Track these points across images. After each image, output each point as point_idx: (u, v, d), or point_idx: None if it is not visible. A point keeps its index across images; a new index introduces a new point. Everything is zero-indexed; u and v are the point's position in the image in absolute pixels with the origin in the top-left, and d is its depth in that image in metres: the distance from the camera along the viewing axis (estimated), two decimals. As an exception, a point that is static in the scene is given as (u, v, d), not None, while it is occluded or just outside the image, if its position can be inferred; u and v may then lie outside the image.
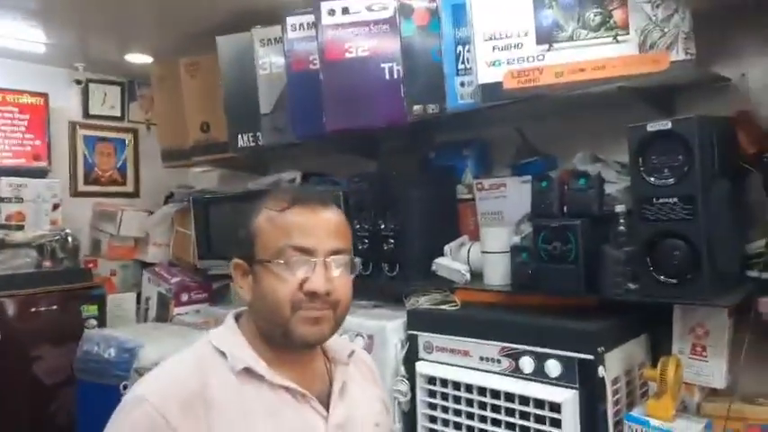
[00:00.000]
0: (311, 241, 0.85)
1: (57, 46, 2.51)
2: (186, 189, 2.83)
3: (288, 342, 0.86)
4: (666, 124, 1.17)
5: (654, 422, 1.17)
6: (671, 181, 1.17)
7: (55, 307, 2.36)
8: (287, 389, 0.86)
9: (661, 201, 1.18)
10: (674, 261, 1.17)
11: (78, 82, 2.86)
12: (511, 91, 1.34)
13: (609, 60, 1.28)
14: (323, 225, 0.88)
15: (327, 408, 0.90)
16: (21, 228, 2.49)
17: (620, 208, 1.32)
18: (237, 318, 0.94)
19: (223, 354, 0.85)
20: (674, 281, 1.18)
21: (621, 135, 1.27)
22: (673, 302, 1.27)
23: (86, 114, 2.92)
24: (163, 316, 2.56)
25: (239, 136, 2.07)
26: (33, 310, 2.31)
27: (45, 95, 2.71)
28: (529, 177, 1.52)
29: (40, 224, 2.55)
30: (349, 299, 0.90)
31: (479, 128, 1.81)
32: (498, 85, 1.34)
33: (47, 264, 2.46)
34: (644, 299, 1.24)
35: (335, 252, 0.87)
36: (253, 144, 2.05)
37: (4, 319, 2.24)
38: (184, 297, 2.54)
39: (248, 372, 0.84)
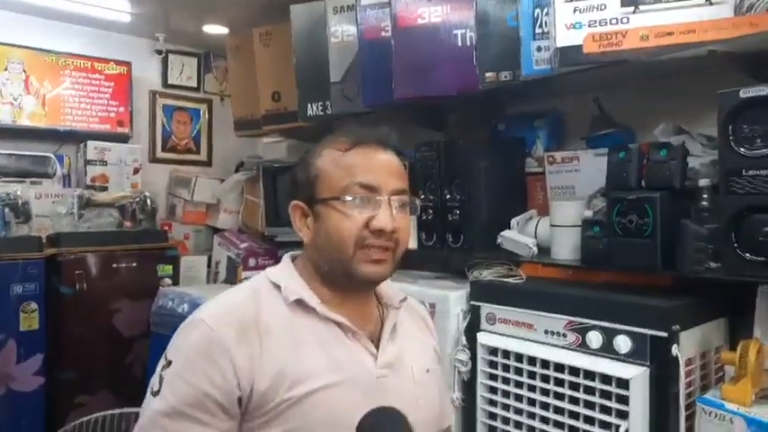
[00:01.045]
0: (376, 179, 0.86)
1: (140, 16, 2.62)
2: (256, 159, 2.93)
3: (349, 280, 0.87)
4: (763, 90, 1.09)
5: (729, 406, 1.11)
6: (764, 151, 1.09)
7: (134, 264, 2.51)
8: (338, 324, 0.88)
9: (751, 173, 1.11)
10: (762, 238, 1.10)
11: (159, 52, 2.99)
12: (591, 55, 1.28)
13: (700, 24, 1.20)
14: (385, 165, 0.88)
15: (377, 348, 0.90)
16: (104, 189, 2.67)
17: (703, 182, 1.25)
18: (293, 259, 0.96)
19: (278, 286, 0.88)
20: (762, 259, 1.10)
21: (708, 105, 1.20)
22: (759, 282, 1.19)
23: (165, 84, 3.05)
24: (231, 279, 2.66)
25: (309, 105, 2.10)
26: (114, 266, 2.47)
27: (129, 64, 2.86)
28: (604, 150, 1.46)
29: (122, 186, 2.72)
30: (408, 239, 0.91)
31: (553, 98, 1.76)
32: (578, 48, 1.29)
33: (127, 224, 2.62)
34: (727, 277, 1.17)
35: (398, 192, 0.88)
36: (322, 113, 2.07)
37: (87, 272, 2.40)
38: (252, 262, 2.63)
39: (301, 304, 0.87)
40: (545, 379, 1.34)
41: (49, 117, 2.69)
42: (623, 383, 1.18)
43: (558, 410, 1.31)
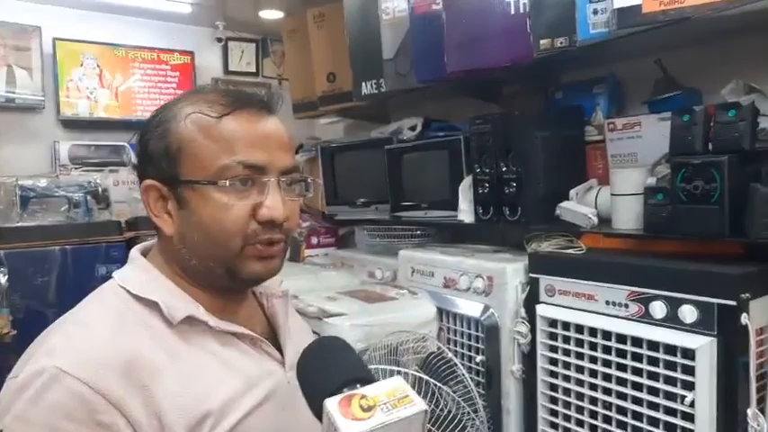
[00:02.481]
0: (263, 156, 0.69)
1: (200, 5, 2.73)
2: (314, 140, 2.99)
3: (231, 280, 0.71)
4: (843, 41, 1.01)
5: (806, 377, 1.07)
6: (844, 107, 1.02)
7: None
8: (236, 335, 0.72)
9: (830, 131, 1.03)
10: (842, 200, 1.03)
11: (219, 40, 3.10)
12: (651, 15, 1.22)
13: (772, -28, 1.12)
14: (273, 136, 0.71)
15: (279, 350, 0.76)
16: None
17: (776, 143, 1.18)
18: (145, 254, 0.76)
19: (147, 302, 0.67)
20: (842, 222, 1.03)
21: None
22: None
23: (226, 71, 3.17)
24: (295, 257, 2.76)
25: (363, 84, 2.12)
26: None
27: (191, 54, 2.98)
28: (668, 115, 1.40)
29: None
30: (297, 226, 0.79)
31: (612, 62, 1.69)
32: (637, 8, 1.23)
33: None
34: (801, 243, 1.11)
35: (289, 170, 0.73)
36: (375, 91, 2.09)
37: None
38: (314, 240, 2.71)
39: (188, 321, 0.68)
40: (607, 350, 1.32)
41: (122, 108, 2.86)
42: (689, 354, 1.15)
43: (621, 382, 1.29)
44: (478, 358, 1.63)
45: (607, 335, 1.32)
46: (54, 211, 2.57)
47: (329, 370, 0.59)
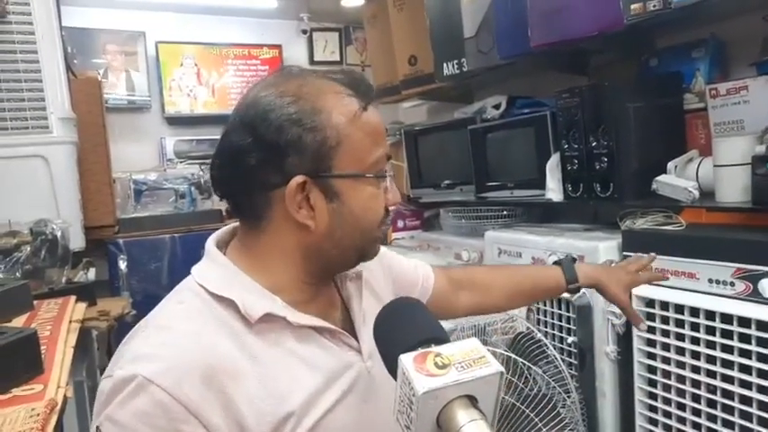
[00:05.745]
0: (387, 147, 0.73)
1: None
2: (398, 124, 3.01)
3: (351, 264, 0.76)
4: None
5: None
6: None
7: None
8: (312, 328, 0.70)
9: None
10: None
11: (304, 32, 3.20)
12: (755, -33, 1.12)
13: None
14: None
15: (356, 337, 0.74)
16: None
17: None
18: (223, 248, 0.74)
19: (226, 301, 0.66)
20: None
21: None
22: None
23: (312, 61, 3.27)
24: (383, 240, 2.81)
25: (444, 64, 2.11)
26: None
27: (279, 47, 3.11)
28: (780, 75, 1.28)
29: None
30: None
31: (712, 22, 1.56)
32: (738, -38, 1.14)
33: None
34: None
35: None
36: (457, 71, 2.07)
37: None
38: (400, 223, 2.75)
39: (265, 318, 0.66)
40: (710, 331, 1.25)
41: (218, 103, 3.04)
42: (804, 335, 1.06)
43: (727, 364, 1.21)
44: (570, 339, 1.60)
45: (711, 315, 1.24)
46: (163, 202, 2.81)
47: (406, 328, 0.58)
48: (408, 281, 1.00)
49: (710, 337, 1.25)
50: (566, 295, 1.31)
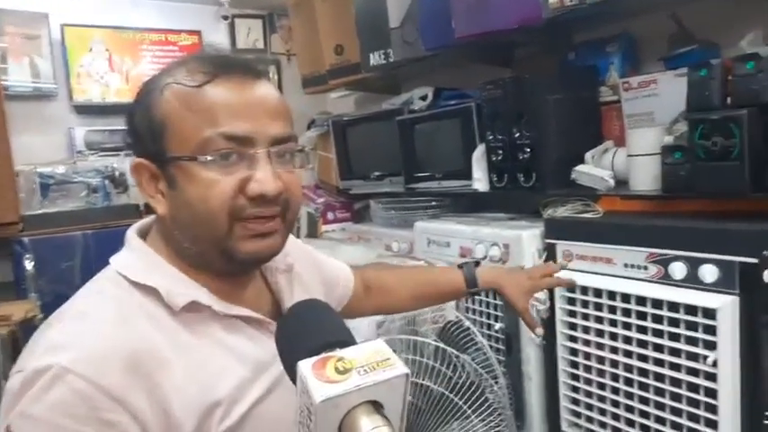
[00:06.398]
0: (248, 126, 0.63)
1: (204, -16, 2.70)
2: (326, 115, 2.97)
3: (228, 263, 0.66)
4: None
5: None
6: None
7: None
8: (242, 318, 0.68)
9: None
10: None
11: (225, 18, 3.07)
12: (664, -34, 1.18)
13: None
14: (260, 102, 0.65)
15: None
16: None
17: (799, 94, 1.13)
18: (143, 235, 0.71)
19: (148, 290, 0.64)
20: None
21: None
22: None
23: (234, 48, 3.14)
24: (313, 233, 2.77)
25: (371, 54, 2.10)
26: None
27: (199, 33, 2.96)
28: (684, 70, 1.35)
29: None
30: (300, 199, 0.71)
31: (625, 19, 1.63)
32: (648, -40, 1.19)
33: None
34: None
35: (281, 140, 0.66)
36: (384, 61, 2.06)
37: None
38: (330, 216, 2.72)
39: (191, 306, 0.64)
40: (626, 313, 1.31)
41: (133, 91, 2.83)
42: (710, 313, 1.14)
43: (642, 344, 1.28)
44: (497, 326, 1.64)
45: (626, 298, 1.31)
46: (74, 197, 2.61)
47: (307, 333, 0.54)
48: (332, 281, 0.99)
49: (626, 319, 1.31)
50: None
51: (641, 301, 1.28)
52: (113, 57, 2.83)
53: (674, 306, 1.21)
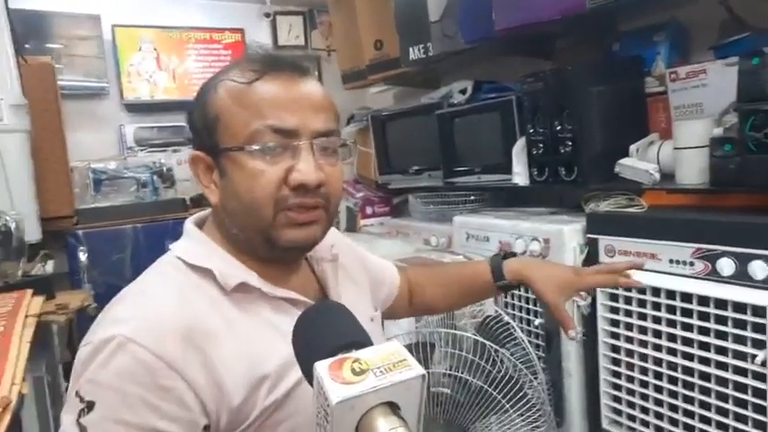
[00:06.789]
0: (293, 119, 0.67)
1: (247, -18, 2.75)
2: (365, 110, 2.99)
3: (271, 250, 0.70)
4: None
5: None
6: None
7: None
8: (289, 301, 0.72)
9: None
10: None
11: (267, 15, 3.12)
12: (713, -49, 1.13)
13: None
14: (305, 98, 0.69)
15: None
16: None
17: None
18: (200, 226, 0.77)
19: (203, 271, 0.69)
20: None
21: None
22: None
23: (276, 45, 3.19)
24: (352, 227, 2.80)
25: (410, 49, 2.10)
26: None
27: (242, 31, 3.03)
28: (735, 59, 1.30)
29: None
30: (341, 192, 0.75)
31: (673, 6, 1.58)
32: (697, -54, 1.15)
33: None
34: None
35: (324, 133, 0.70)
36: (423, 56, 2.06)
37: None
38: (369, 210, 2.74)
39: (242, 288, 0.69)
40: (671, 310, 1.28)
41: (180, 89, 2.96)
42: (760, 311, 1.10)
43: (687, 342, 1.25)
44: (537, 321, 1.62)
45: (671, 294, 1.28)
46: (124, 192, 2.72)
47: (323, 334, 0.55)
48: (378, 280, 0.99)
49: (671, 316, 1.28)
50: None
51: (687, 297, 1.24)
52: (161, 56, 2.93)
53: (721, 303, 1.17)
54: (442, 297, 1.12)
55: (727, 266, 1.18)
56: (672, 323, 1.28)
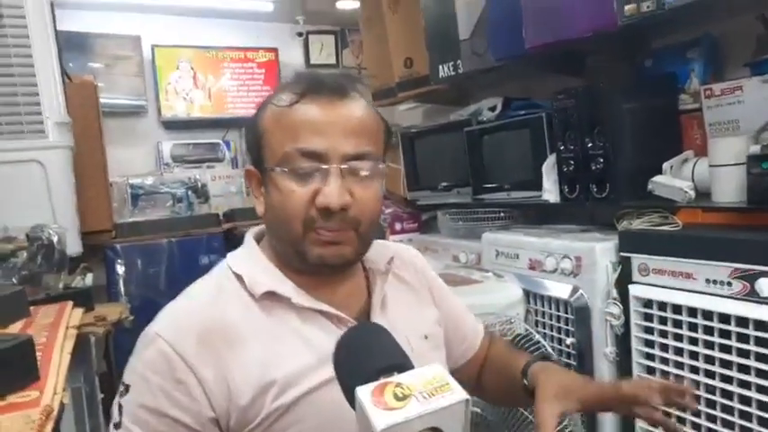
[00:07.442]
0: (322, 143, 0.69)
1: (282, 2, 2.82)
2: (395, 127, 3.01)
3: (303, 263, 0.73)
4: None
5: None
6: None
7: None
8: (320, 312, 0.73)
9: None
10: None
11: (300, 35, 3.20)
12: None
13: None
14: (339, 122, 0.70)
15: None
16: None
17: None
18: (259, 237, 0.82)
19: (240, 277, 0.74)
20: None
21: None
22: None
23: (308, 64, 3.26)
24: (381, 242, 2.81)
25: (440, 66, 2.11)
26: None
27: (275, 50, 3.11)
28: (774, 75, 1.28)
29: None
30: (375, 213, 0.75)
31: (707, 22, 1.56)
32: (731, -38, 1.14)
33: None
34: None
35: (354, 157, 0.71)
36: (453, 73, 2.07)
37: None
38: (398, 226, 2.75)
39: (272, 296, 0.72)
40: (708, 331, 1.25)
41: (215, 107, 3.04)
42: (802, 334, 1.07)
43: (725, 364, 1.22)
44: (569, 340, 1.60)
45: (708, 315, 1.25)
46: (160, 207, 2.81)
47: (364, 357, 0.55)
48: (460, 330, 0.96)
49: (708, 337, 1.25)
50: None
51: (724, 318, 1.21)
52: (197, 74, 3.02)
53: (761, 325, 1.14)
54: (490, 389, 1.00)
55: (766, 287, 1.14)
56: (709, 344, 1.25)
